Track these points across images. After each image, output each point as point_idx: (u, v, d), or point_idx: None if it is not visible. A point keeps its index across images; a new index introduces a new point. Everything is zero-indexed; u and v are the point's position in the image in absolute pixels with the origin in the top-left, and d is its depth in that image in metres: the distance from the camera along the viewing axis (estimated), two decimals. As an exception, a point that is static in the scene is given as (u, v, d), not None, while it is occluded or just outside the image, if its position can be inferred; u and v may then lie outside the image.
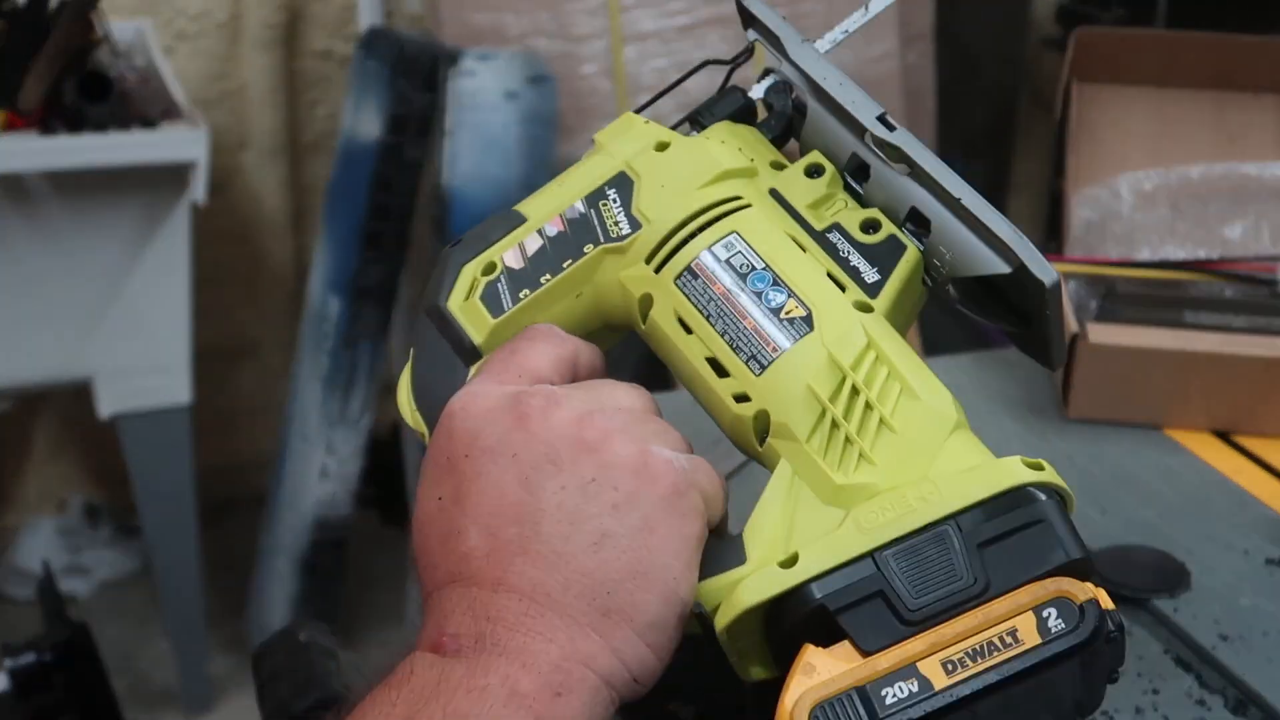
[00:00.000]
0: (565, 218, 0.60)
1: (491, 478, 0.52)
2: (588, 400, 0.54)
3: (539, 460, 0.52)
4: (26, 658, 1.13)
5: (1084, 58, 1.19)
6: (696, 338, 0.57)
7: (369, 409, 2.03)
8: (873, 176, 0.60)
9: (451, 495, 0.53)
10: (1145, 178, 1.17)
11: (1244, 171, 1.16)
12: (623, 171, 0.61)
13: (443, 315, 0.60)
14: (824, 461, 0.53)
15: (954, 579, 0.49)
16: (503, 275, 0.60)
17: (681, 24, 2.06)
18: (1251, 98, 1.20)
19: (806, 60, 0.64)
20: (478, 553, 0.51)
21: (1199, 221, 1.16)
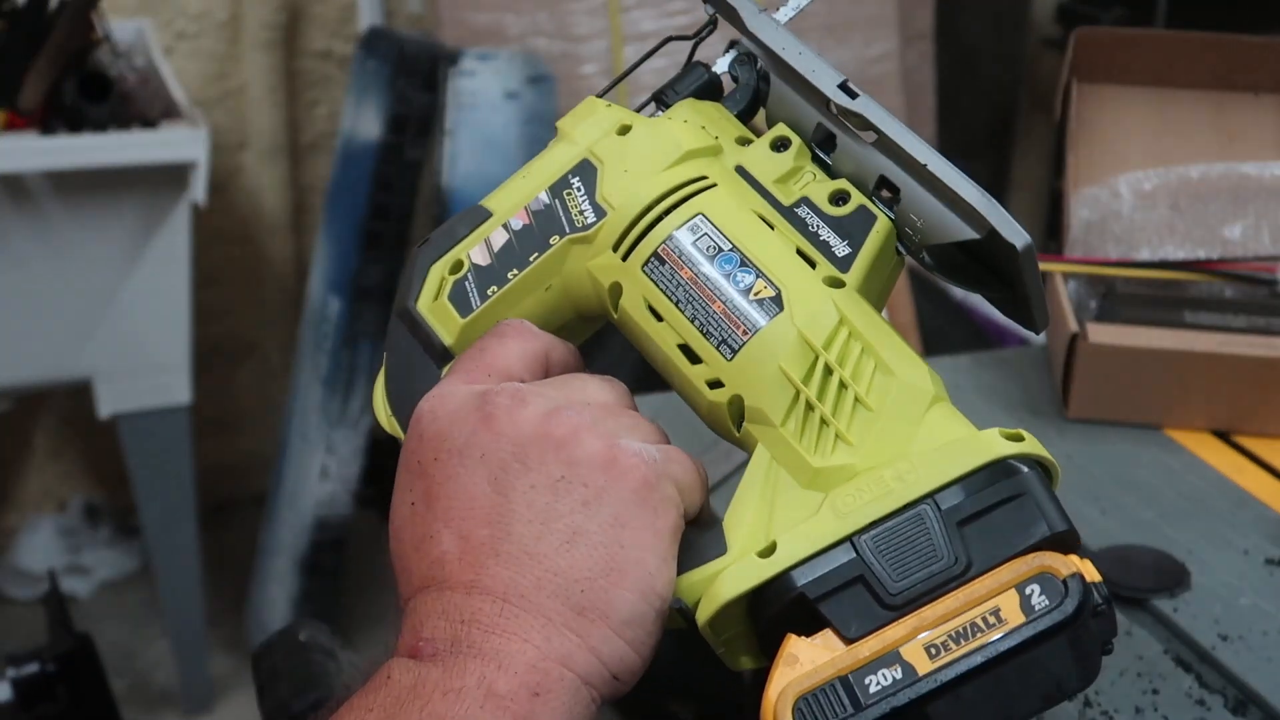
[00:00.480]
0: (530, 210, 0.59)
1: (461, 480, 0.51)
2: (555, 397, 0.53)
3: (507, 460, 0.51)
4: (29, 667, 1.13)
5: (1084, 58, 1.19)
6: (668, 324, 0.56)
7: (369, 409, 2.02)
8: (839, 146, 0.59)
9: (423, 499, 0.52)
10: (1145, 178, 1.17)
11: (1244, 171, 1.16)
12: (585, 159, 0.59)
13: (412, 317, 0.59)
14: (800, 445, 0.52)
15: (934, 559, 0.48)
16: (470, 273, 0.59)
17: (681, 24, 2.06)
18: (1251, 98, 1.20)
19: (765, 31, 0.62)
20: (450, 556, 0.51)
21: (1199, 221, 1.16)
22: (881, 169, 0.57)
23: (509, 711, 0.47)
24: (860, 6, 2.11)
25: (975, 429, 0.52)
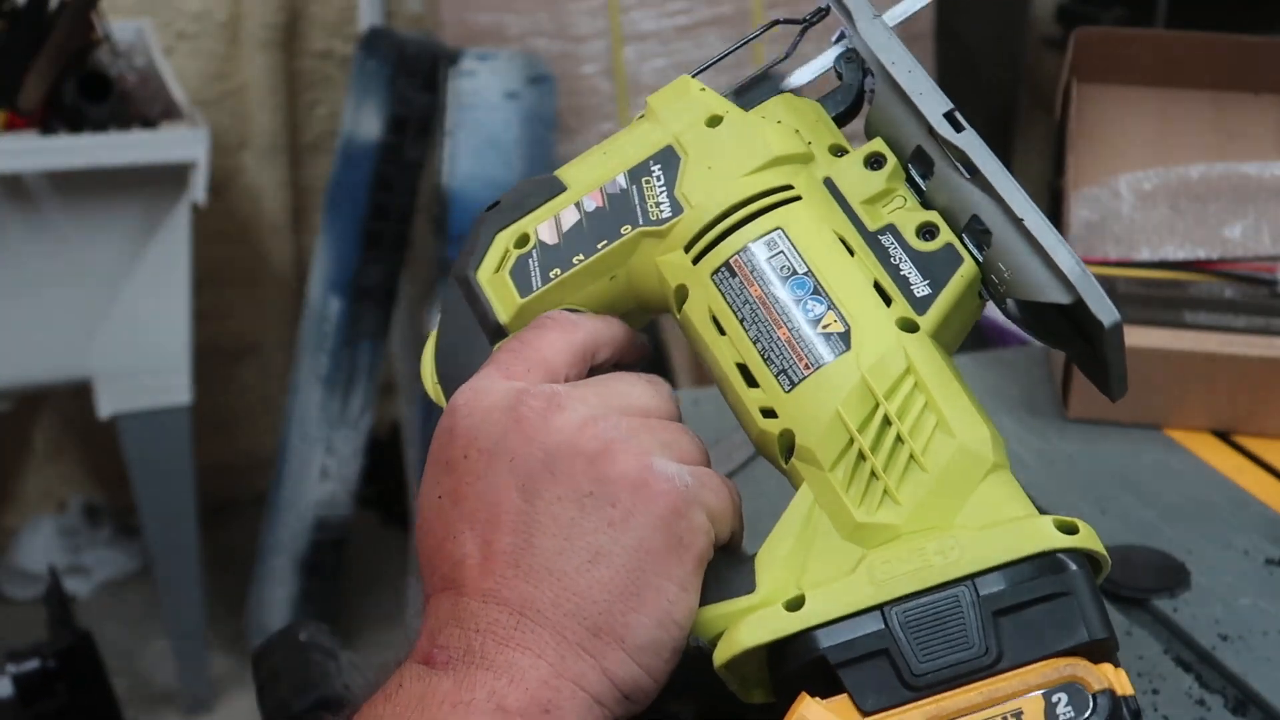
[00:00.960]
0: (606, 192, 0.57)
1: (489, 482, 0.50)
2: (594, 404, 0.51)
3: (536, 468, 0.50)
4: (30, 664, 1.13)
5: (1084, 58, 1.19)
6: (729, 340, 0.54)
7: (369, 409, 2.03)
8: (936, 174, 0.55)
9: (450, 496, 0.51)
10: (1145, 178, 1.17)
11: (1244, 171, 1.16)
12: (670, 146, 0.57)
13: (470, 286, 0.57)
14: (846, 495, 0.50)
15: (964, 646, 0.46)
16: (535, 250, 0.57)
17: (681, 24, 2.06)
18: (1251, 98, 1.20)
19: (876, 38, 0.58)
20: (471, 560, 0.50)
21: (1199, 221, 1.16)
22: (976, 209, 0.54)
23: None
24: None
25: (1031, 505, 0.50)
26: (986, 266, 0.54)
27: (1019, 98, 2.83)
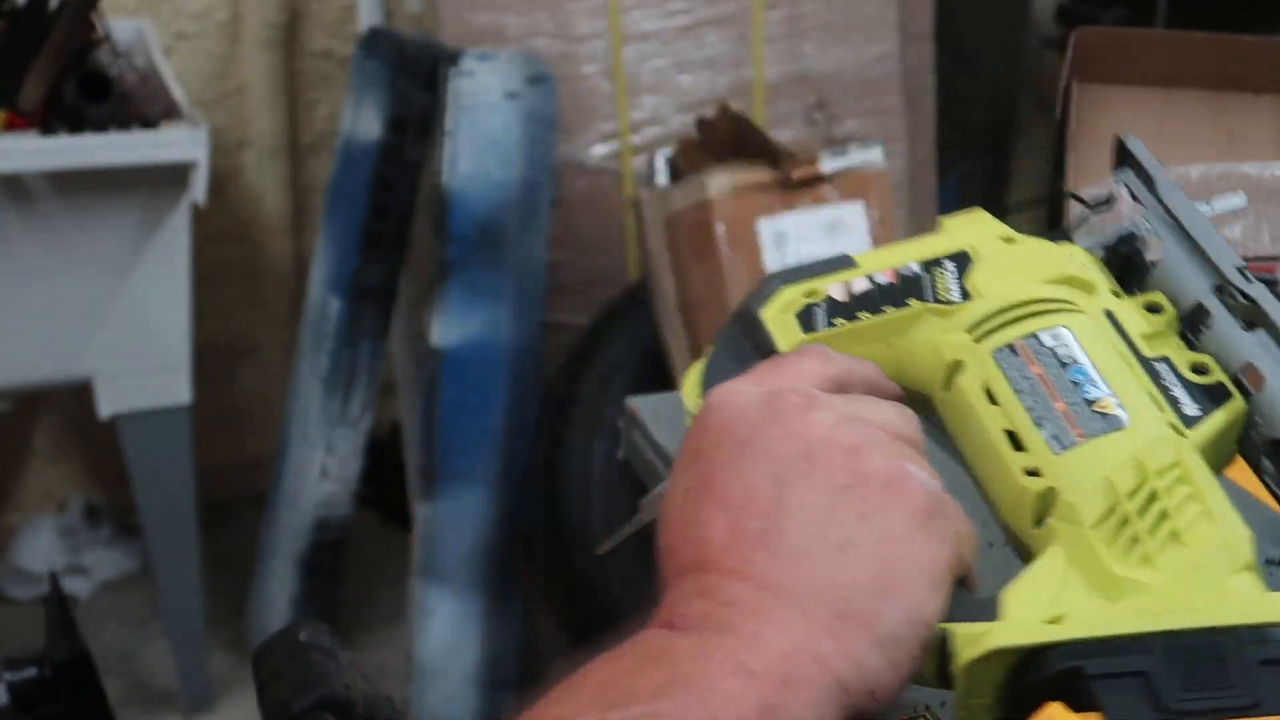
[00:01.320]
0: (898, 272, 0.62)
1: (741, 469, 0.51)
2: (846, 410, 0.52)
3: (792, 457, 0.50)
4: (28, 671, 1.12)
5: (1084, 58, 1.19)
6: (1001, 409, 0.57)
7: (369, 409, 2.03)
8: (1213, 326, 0.60)
9: (699, 484, 0.52)
10: (1145, 178, 1.17)
11: (1244, 172, 1.16)
12: (965, 250, 0.62)
13: (753, 320, 0.61)
14: (1106, 550, 0.51)
15: (1223, 686, 0.46)
16: (824, 302, 0.61)
17: (681, 24, 2.06)
18: (1251, 98, 1.20)
19: (1176, 201, 0.64)
20: (718, 541, 0.50)
21: (1199, 221, 1.16)
22: (1251, 357, 0.58)
23: (757, 689, 0.46)
24: (860, 6, 2.10)
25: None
26: (1251, 409, 0.58)
27: (1019, 98, 2.83)
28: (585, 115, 2.03)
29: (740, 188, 1.69)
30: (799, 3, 2.09)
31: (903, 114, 2.15)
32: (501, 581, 1.91)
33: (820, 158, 1.71)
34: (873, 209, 1.71)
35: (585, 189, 2.04)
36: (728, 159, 1.76)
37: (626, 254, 2.05)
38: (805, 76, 2.10)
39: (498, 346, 1.86)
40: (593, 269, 2.05)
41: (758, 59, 2.08)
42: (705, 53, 2.07)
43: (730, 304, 1.66)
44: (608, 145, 2.04)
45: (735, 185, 1.69)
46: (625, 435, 1.07)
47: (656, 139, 2.03)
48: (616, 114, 2.03)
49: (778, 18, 2.08)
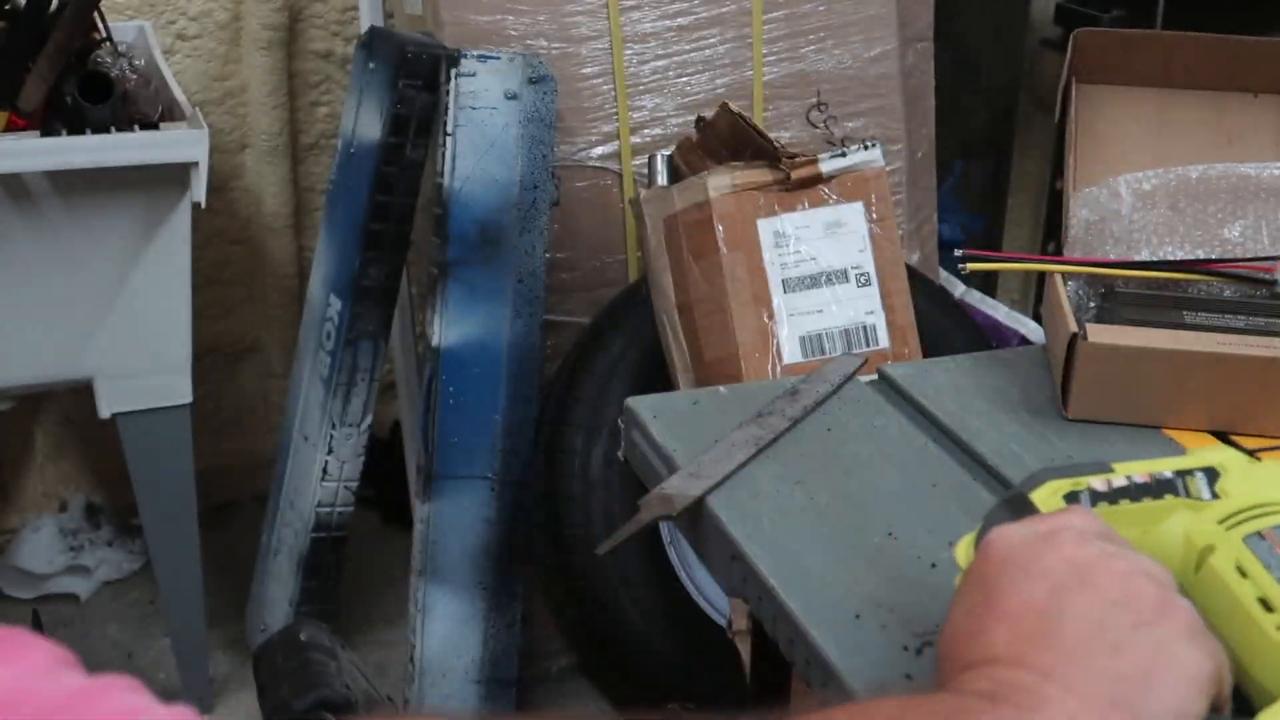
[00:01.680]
0: (1153, 475, 0.72)
1: (1020, 586, 0.58)
2: (1116, 548, 0.60)
3: (1068, 577, 0.57)
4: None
5: (1084, 58, 1.19)
6: (1251, 581, 0.66)
7: (369, 409, 2.03)
8: None
9: (982, 603, 0.59)
10: (1145, 178, 1.17)
11: (1243, 172, 1.16)
12: (1213, 465, 0.73)
13: (1024, 500, 0.70)
14: None
15: None
16: (1087, 491, 0.71)
17: (681, 24, 2.06)
18: (1251, 98, 1.20)
19: None
20: (1000, 641, 0.57)
21: (1199, 222, 1.16)
22: None
23: None
24: (860, 6, 2.10)
25: None
26: None
27: (1019, 98, 2.83)
28: (585, 115, 2.03)
29: (740, 188, 1.69)
30: (799, 3, 2.09)
31: (903, 114, 2.15)
32: (501, 581, 1.91)
33: (820, 158, 1.71)
34: (872, 209, 1.71)
35: (585, 189, 2.04)
36: (728, 159, 1.76)
37: (626, 254, 2.05)
38: (805, 76, 2.10)
39: (498, 346, 1.86)
40: (593, 269, 2.05)
41: (758, 59, 2.08)
42: (705, 53, 2.07)
43: (730, 304, 1.66)
44: (608, 145, 2.04)
45: (735, 185, 1.69)
46: (625, 435, 1.07)
47: (656, 139, 2.03)
48: (616, 114, 2.03)
49: (777, 18, 2.08)
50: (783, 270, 1.68)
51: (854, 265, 1.70)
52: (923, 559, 0.86)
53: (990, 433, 1.02)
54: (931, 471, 0.97)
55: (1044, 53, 2.76)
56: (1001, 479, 0.95)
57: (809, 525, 0.89)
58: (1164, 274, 1.14)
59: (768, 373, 1.65)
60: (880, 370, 1.13)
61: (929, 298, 1.90)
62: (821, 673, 0.77)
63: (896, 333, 1.70)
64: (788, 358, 1.66)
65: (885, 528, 0.89)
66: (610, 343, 1.89)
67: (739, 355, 1.65)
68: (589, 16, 2.03)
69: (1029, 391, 1.10)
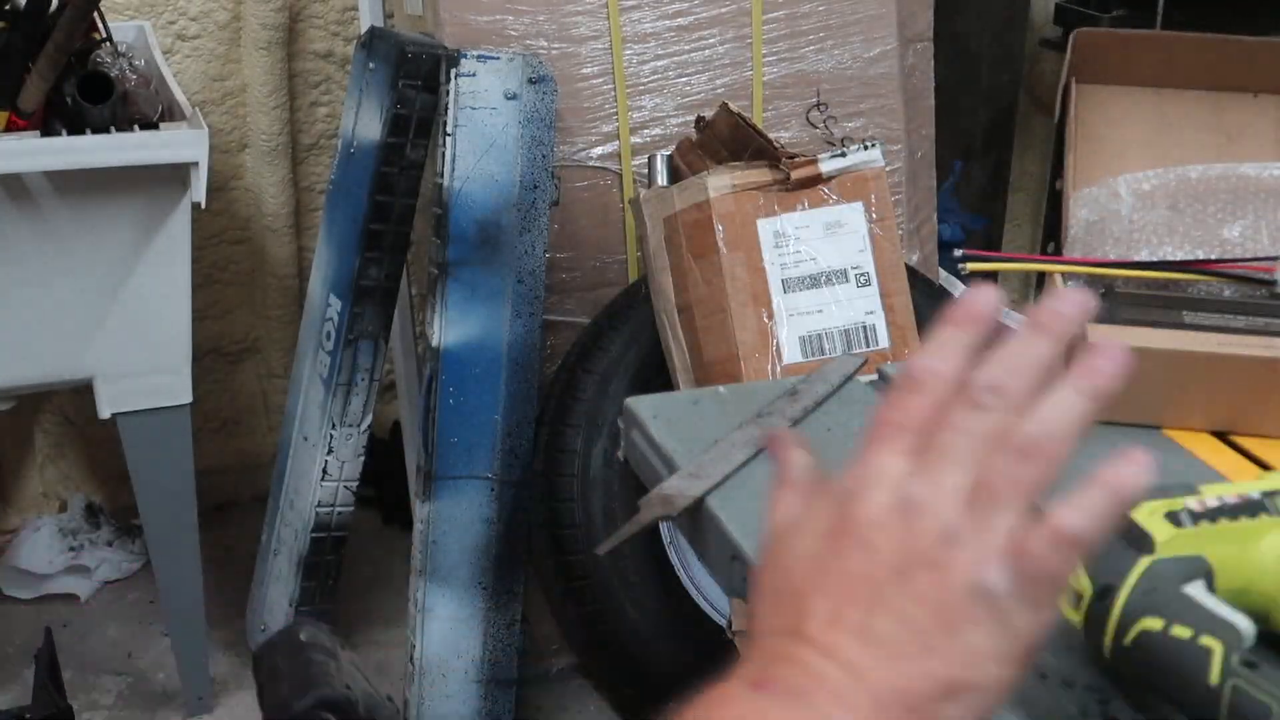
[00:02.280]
0: (1242, 495, 0.76)
1: (863, 566, 0.53)
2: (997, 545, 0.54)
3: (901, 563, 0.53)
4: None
5: (1083, 58, 1.19)
6: None
7: (369, 409, 2.03)
8: None
9: (819, 559, 0.54)
10: (1144, 178, 1.17)
11: (1242, 172, 1.16)
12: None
13: (1124, 519, 0.69)
14: None
15: None
16: (1184, 509, 0.74)
17: (681, 24, 2.06)
18: (1250, 98, 1.20)
19: None
20: (818, 619, 0.52)
21: (1198, 222, 1.16)
22: None
23: None
24: (860, 6, 2.11)
25: None
26: None
27: (1019, 98, 2.83)
28: (585, 115, 2.03)
29: (740, 188, 1.69)
30: (799, 3, 2.09)
31: (903, 114, 2.15)
32: (501, 581, 1.91)
33: (820, 158, 1.71)
34: (872, 209, 1.71)
35: (585, 189, 2.04)
36: (728, 159, 1.76)
37: (626, 254, 2.05)
38: (805, 76, 2.10)
39: (498, 346, 1.86)
40: (593, 269, 2.05)
41: (758, 59, 2.09)
42: (705, 53, 2.07)
43: (730, 304, 1.66)
44: (608, 145, 2.04)
45: (735, 185, 1.69)
46: (625, 435, 1.07)
47: (656, 139, 2.03)
48: (616, 114, 2.03)
49: (777, 18, 2.08)
50: (782, 270, 1.68)
51: (854, 265, 1.70)
52: (922, 559, 0.86)
53: (990, 433, 1.02)
54: (931, 471, 0.97)
55: (1044, 53, 2.76)
56: (1001, 479, 0.95)
57: (809, 525, 0.89)
58: (1164, 274, 1.14)
59: (767, 373, 1.65)
60: (880, 370, 1.13)
61: (929, 298, 1.90)
62: (821, 673, 0.77)
63: (896, 333, 1.70)
64: (788, 358, 1.66)
65: (885, 528, 0.89)
66: (610, 343, 1.89)
67: (739, 355, 1.65)
68: (589, 16, 2.03)
69: (1029, 391, 1.09)
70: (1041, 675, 0.75)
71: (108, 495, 2.51)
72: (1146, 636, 0.69)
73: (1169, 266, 1.14)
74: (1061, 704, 0.72)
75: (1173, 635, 0.68)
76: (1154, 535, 0.73)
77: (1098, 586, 0.72)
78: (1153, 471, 0.55)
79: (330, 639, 0.89)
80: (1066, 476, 0.70)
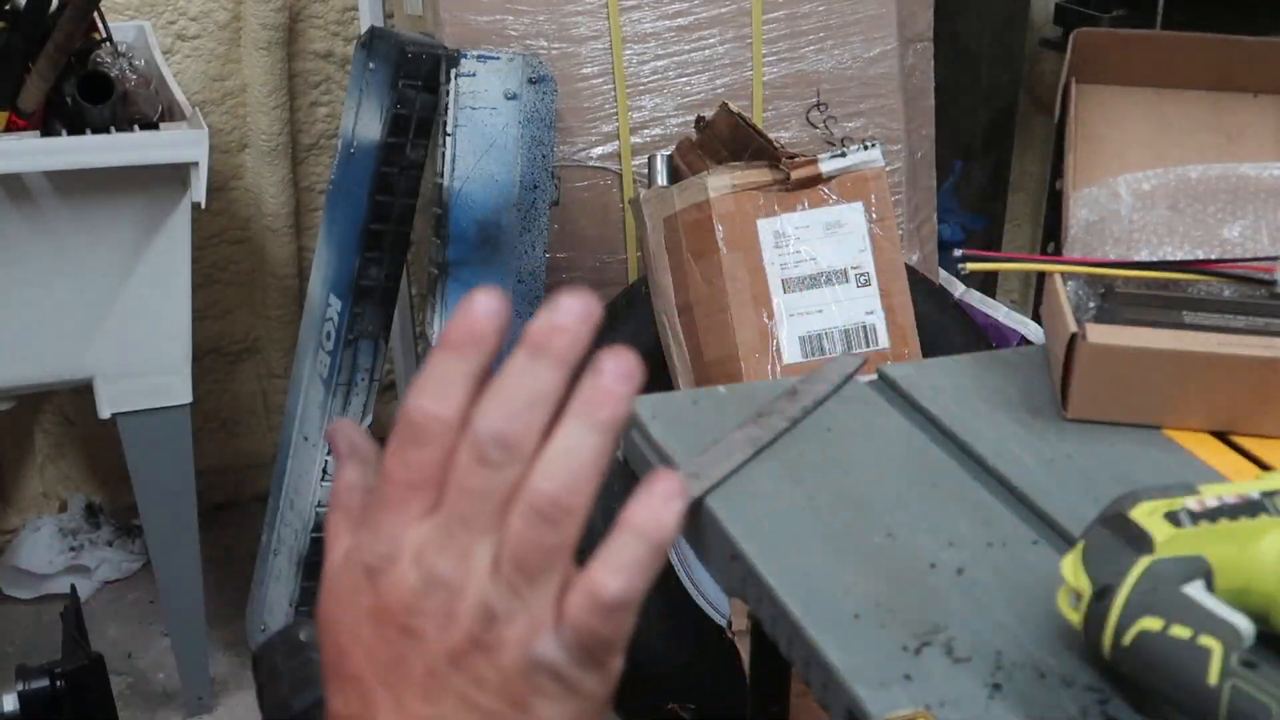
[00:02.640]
0: (1240, 494, 0.76)
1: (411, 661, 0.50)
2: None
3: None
4: (39, 682, 1.13)
5: (1083, 58, 1.19)
6: None
7: (369, 409, 2.03)
8: None
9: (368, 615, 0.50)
10: (1144, 178, 1.17)
11: (1242, 172, 1.16)
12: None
13: (1124, 519, 0.74)
14: None
15: None
16: (1184, 510, 0.74)
17: (681, 24, 2.06)
18: (1250, 98, 1.20)
19: None
20: (367, 680, 0.49)
21: (1198, 222, 1.16)
22: None
23: None
24: (860, 6, 2.11)
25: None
26: None
27: (1019, 98, 2.83)
28: (585, 115, 2.03)
29: (740, 188, 1.69)
30: (799, 3, 2.09)
31: (902, 114, 2.15)
32: (501, 581, 1.91)
33: (820, 158, 1.71)
34: (872, 209, 1.71)
35: (585, 189, 2.04)
36: (728, 159, 1.76)
37: (626, 254, 2.05)
38: (805, 76, 2.10)
39: (498, 346, 1.86)
40: (593, 269, 2.05)
41: (758, 59, 2.09)
42: (705, 53, 2.07)
43: (730, 304, 1.66)
44: (608, 145, 2.04)
45: (735, 185, 1.69)
46: (625, 435, 1.07)
47: (656, 139, 2.03)
48: (616, 114, 2.03)
49: (777, 18, 2.08)
50: (782, 270, 1.68)
51: (854, 265, 1.70)
52: (922, 559, 0.86)
53: (990, 433, 1.02)
54: (931, 471, 0.97)
55: (1044, 53, 2.76)
56: (1001, 479, 0.95)
57: (808, 525, 0.89)
58: (1164, 274, 1.14)
59: (767, 373, 1.65)
60: (880, 370, 1.13)
61: (929, 298, 1.90)
62: (821, 673, 0.77)
63: (896, 333, 1.70)
64: (787, 358, 1.66)
65: (884, 528, 0.89)
66: (610, 343, 1.88)
67: (739, 355, 1.65)
68: (589, 16, 2.03)
69: (1028, 391, 1.10)
70: (1041, 675, 0.75)
71: (108, 495, 2.52)
72: (1146, 636, 0.69)
73: (1169, 266, 1.14)
74: (1061, 704, 0.72)
75: (1172, 635, 0.68)
76: (1153, 535, 0.73)
77: (1097, 586, 0.72)
78: (683, 499, 0.49)
79: (330, 639, 0.88)
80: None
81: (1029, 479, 0.95)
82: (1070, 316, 1.05)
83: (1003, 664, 0.75)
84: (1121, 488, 0.96)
